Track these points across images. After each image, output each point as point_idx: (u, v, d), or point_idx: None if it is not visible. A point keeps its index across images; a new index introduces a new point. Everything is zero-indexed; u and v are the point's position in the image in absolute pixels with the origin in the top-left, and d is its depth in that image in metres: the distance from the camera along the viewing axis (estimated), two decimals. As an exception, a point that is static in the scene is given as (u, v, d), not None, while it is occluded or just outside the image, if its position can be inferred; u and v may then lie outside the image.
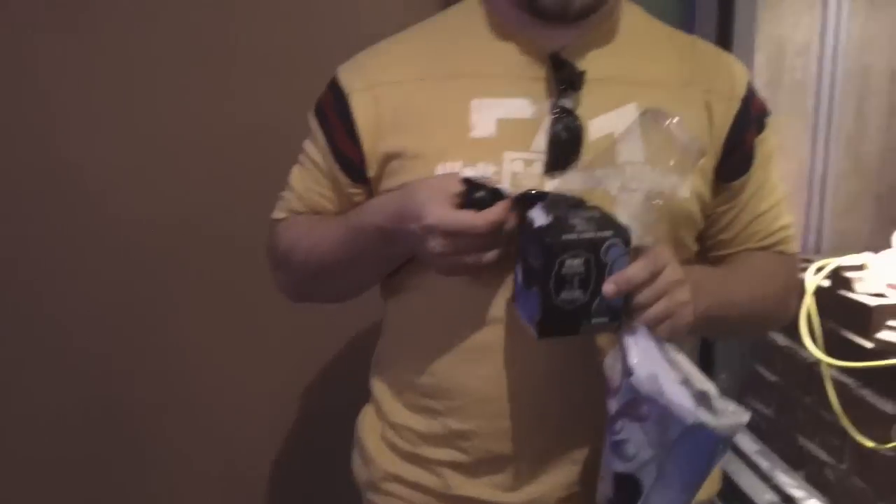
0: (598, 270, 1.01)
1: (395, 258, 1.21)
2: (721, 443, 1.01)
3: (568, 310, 1.02)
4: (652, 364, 1.02)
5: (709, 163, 1.21)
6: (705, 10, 1.92)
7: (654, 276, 1.03)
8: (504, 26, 1.21)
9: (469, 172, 1.10)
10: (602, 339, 1.14)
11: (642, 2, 1.30)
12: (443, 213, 1.04)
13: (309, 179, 1.28)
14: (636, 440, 1.02)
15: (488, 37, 1.21)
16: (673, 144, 1.09)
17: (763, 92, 1.75)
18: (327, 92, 1.26)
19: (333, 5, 1.85)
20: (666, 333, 1.04)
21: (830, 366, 1.60)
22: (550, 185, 1.13)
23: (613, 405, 1.05)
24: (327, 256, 1.22)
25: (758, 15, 1.81)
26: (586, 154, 1.14)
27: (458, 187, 1.06)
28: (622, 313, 1.04)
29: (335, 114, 1.23)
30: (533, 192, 1.07)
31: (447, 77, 1.20)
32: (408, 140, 1.18)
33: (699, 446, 1.00)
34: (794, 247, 1.34)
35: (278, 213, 1.32)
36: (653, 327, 1.04)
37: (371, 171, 1.21)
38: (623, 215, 1.07)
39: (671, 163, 1.10)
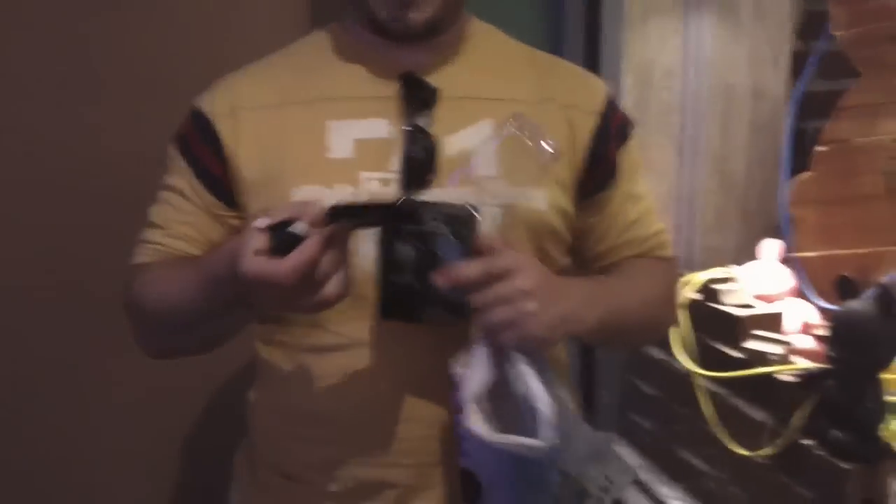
0: (431, 261, 1.01)
1: (237, 305, 1.12)
2: (520, 462, 1.00)
3: (404, 294, 1.04)
4: (479, 366, 1.02)
5: (571, 177, 1.24)
6: (572, 34, 1.96)
7: (489, 277, 1.01)
8: (357, 49, 1.23)
9: (277, 214, 1.00)
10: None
11: (510, 26, 1.33)
12: (248, 266, 0.96)
13: (172, 211, 1.24)
14: (471, 439, 1.02)
15: (343, 60, 1.23)
16: (527, 150, 1.10)
17: (632, 113, 1.79)
18: (189, 121, 1.24)
19: (199, 35, 1.83)
20: (510, 342, 1.02)
21: (703, 377, 1.64)
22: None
23: (456, 399, 1.05)
24: (176, 305, 1.15)
25: (623, 38, 1.85)
26: (441, 172, 1.15)
27: (262, 237, 0.98)
28: (465, 311, 1.03)
29: (200, 139, 1.21)
30: (339, 205, 1.01)
31: (304, 101, 1.20)
32: (266, 164, 1.17)
33: (504, 459, 1.00)
34: (670, 251, 1.38)
35: (137, 259, 1.26)
36: (495, 333, 1.02)
37: (239, 195, 1.20)
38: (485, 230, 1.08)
39: (525, 171, 1.11)
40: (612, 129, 1.28)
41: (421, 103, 1.17)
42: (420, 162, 1.14)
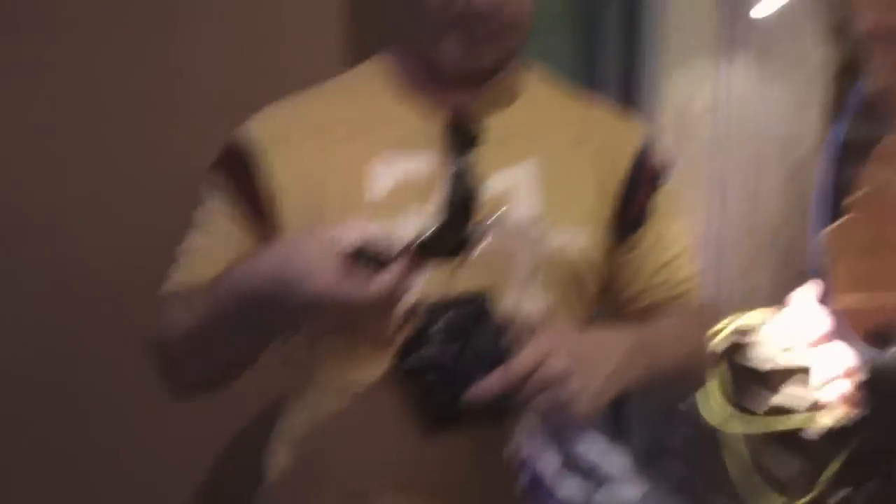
0: (453, 383, 1.01)
1: (275, 322, 1.12)
2: None
3: (446, 410, 1.04)
4: (541, 441, 1.02)
5: (605, 219, 1.23)
6: (610, 79, 1.95)
7: (517, 379, 0.99)
8: (406, 87, 1.22)
9: (355, 232, 1.01)
10: None
11: (548, 66, 1.32)
12: (330, 283, 0.96)
13: (209, 240, 1.20)
14: None
15: (389, 97, 1.22)
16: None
17: (668, 156, 1.78)
18: (228, 151, 1.21)
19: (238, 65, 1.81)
20: (562, 423, 1.02)
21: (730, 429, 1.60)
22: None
23: (527, 482, 1.04)
24: (199, 325, 1.11)
25: (660, 80, 1.85)
26: (483, 212, 1.12)
27: (340, 252, 0.98)
28: (513, 405, 1.01)
29: (241, 168, 1.18)
30: (419, 240, 1.02)
31: (346, 138, 1.18)
32: (305, 199, 1.15)
33: None
34: (700, 298, 1.33)
35: (166, 290, 1.21)
36: (545, 418, 1.02)
37: (276, 221, 1.16)
38: (521, 271, 1.10)
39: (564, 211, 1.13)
40: (645, 173, 1.27)
41: (467, 141, 1.16)
42: (461, 202, 1.13)
